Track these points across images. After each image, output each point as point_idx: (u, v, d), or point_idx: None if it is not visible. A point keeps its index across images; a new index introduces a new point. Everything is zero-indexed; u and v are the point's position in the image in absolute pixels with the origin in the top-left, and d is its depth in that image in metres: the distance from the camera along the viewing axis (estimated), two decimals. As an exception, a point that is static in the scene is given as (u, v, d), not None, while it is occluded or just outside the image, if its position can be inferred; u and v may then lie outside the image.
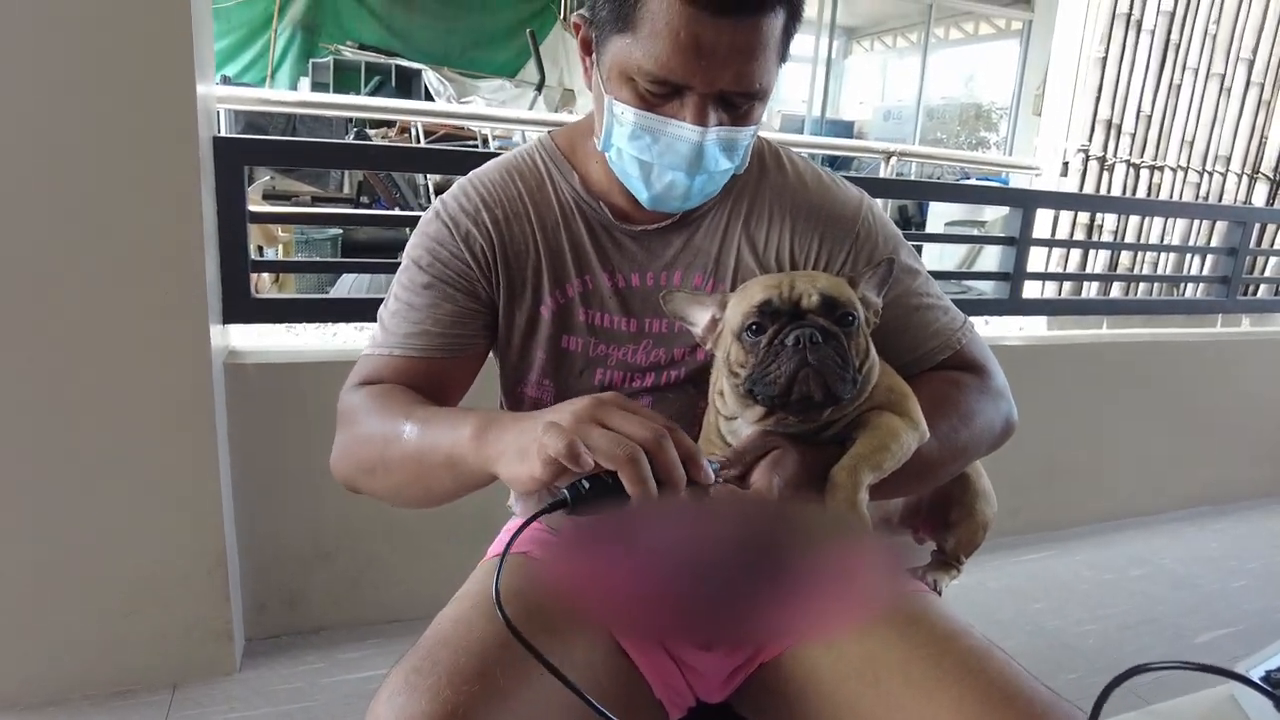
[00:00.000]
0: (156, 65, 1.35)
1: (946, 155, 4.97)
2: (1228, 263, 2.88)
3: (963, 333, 0.93)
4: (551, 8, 9.24)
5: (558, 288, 0.89)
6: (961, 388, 0.89)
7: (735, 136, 0.79)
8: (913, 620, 0.82)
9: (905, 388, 0.80)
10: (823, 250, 0.91)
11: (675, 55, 0.72)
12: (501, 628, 0.74)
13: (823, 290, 0.74)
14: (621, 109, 0.78)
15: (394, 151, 2.82)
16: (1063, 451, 2.56)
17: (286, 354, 1.70)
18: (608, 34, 0.76)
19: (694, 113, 0.75)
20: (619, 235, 0.89)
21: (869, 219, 0.92)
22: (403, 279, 0.89)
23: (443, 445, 0.73)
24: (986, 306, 2.49)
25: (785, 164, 0.93)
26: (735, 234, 0.90)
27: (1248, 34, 2.94)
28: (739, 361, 0.74)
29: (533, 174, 0.90)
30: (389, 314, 0.89)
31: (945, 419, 0.83)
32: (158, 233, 1.41)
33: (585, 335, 0.90)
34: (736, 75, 0.73)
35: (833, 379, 0.70)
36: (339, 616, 1.80)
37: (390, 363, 0.87)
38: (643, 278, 0.90)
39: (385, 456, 0.79)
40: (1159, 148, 2.96)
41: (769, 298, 0.74)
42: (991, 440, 0.90)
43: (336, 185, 5.45)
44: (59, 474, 1.44)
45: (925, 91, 9.55)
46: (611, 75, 0.77)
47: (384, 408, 0.81)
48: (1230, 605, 2.19)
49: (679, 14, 0.70)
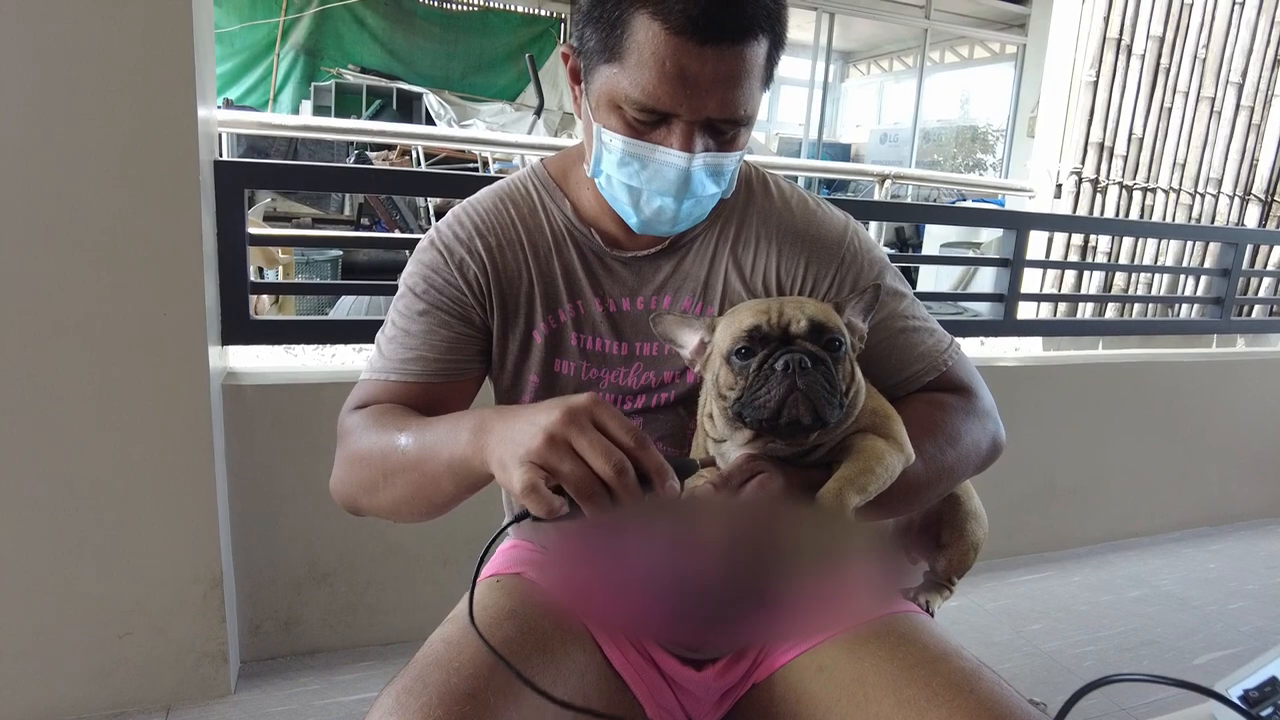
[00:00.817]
0: (159, 90, 1.37)
1: (941, 178, 5.00)
2: (1221, 283, 2.90)
3: (949, 354, 0.93)
4: (551, 33, 9.35)
5: (550, 313, 0.90)
6: (947, 409, 0.90)
7: (722, 162, 0.80)
8: (904, 641, 0.82)
9: (890, 410, 0.81)
10: (809, 274, 0.92)
11: (661, 84, 0.73)
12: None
13: (811, 316, 0.75)
14: (610, 136, 0.79)
15: (394, 175, 2.85)
16: (1059, 472, 2.57)
17: (285, 375, 1.70)
18: (595, 63, 0.78)
19: (680, 140, 0.77)
20: (610, 261, 0.91)
21: (854, 243, 0.93)
22: (399, 305, 0.90)
23: (442, 452, 0.74)
24: (982, 327, 2.51)
25: (772, 189, 0.95)
26: (723, 258, 0.91)
27: (1236, 57, 2.98)
28: (728, 384, 0.75)
29: (525, 201, 0.92)
30: (386, 340, 0.90)
31: (931, 440, 0.84)
32: (158, 254, 1.42)
33: (577, 359, 0.91)
34: (721, 103, 0.75)
35: (821, 403, 0.71)
36: (335, 639, 1.79)
37: (387, 388, 0.88)
38: (633, 302, 0.91)
39: (386, 471, 0.80)
40: (1151, 170, 2.99)
41: (758, 323, 0.75)
42: (979, 461, 0.91)
43: (337, 207, 5.50)
44: (54, 494, 1.45)
45: (921, 114, 9.64)
46: (600, 103, 0.79)
47: (380, 425, 0.83)
48: (1229, 627, 2.18)
49: (664, 44, 0.72)
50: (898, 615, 0.87)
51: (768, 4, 0.74)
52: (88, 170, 1.36)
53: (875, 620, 0.86)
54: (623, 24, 0.73)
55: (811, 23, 9.19)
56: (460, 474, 0.74)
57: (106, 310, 1.41)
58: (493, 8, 9.26)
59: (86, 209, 1.37)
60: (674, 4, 0.71)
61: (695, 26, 0.71)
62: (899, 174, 2.80)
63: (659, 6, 0.71)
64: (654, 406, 0.92)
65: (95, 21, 1.32)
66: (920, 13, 9.38)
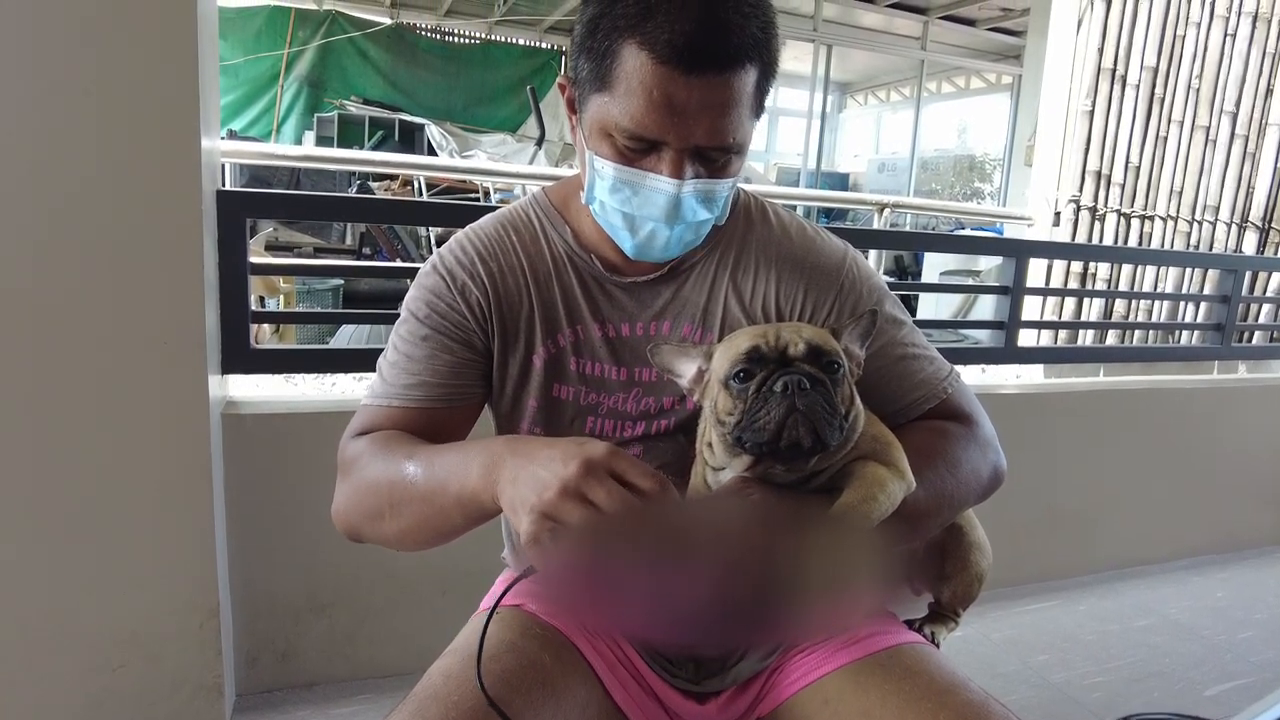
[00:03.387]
0: (163, 120, 1.38)
1: (940, 206, 5.03)
2: (1221, 310, 2.90)
3: (948, 382, 0.93)
4: (552, 65, 9.48)
5: (549, 338, 0.90)
6: (948, 437, 0.89)
7: (713, 189, 0.81)
8: (910, 673, 0.81)
9: (891, 437, 0.81)
10: (807, 301, 0.92)
11: (649, 113, 0.74)
12: (490, 682, 0.74)
13: (808, 339, 0.75)
14: (602, 164, 0.80)
15: (396, 205, 2.87)
16: (1063, 499, 2.55)
17: (284, 404, 1.70)
18: (587, 93, 0.79)
19: (670, 167, 0.78)
20: (609, 287, 0.91)
21: (853, 270, 0.93)
22: (401, 330, 0.90)
23: (452, 485, 0.74)
24: (983, 355, 2.50)
25: (771, 217, 0.95)
26: (723, 285, 0.92)
27: (1230, 87, 3.01)
28: (726, 409, 0.75)
29: (527, 228, 0.93)
30: (388, 365, 0.90)
31: (932, 468, 0.83)
32: (159, 283, 1.42)
33: (577, 384, 0.91)
34: (709, 130, 0.76)
35: (821, 425, 0.71)
36: (332, 671, 1.77)
37: (389, 413, 0.88)
38: (632, 328, 0.91)
39: (393, 501, 0.79)
40: (1148, 198, 3.01)
41: (756, 345, 0.75)
42: (980, 489, 0.90)
43: (339, 237, 5.52)
44: (50, 521, 1.43)
45: (919, 144, 9.73)
46: (592, 131, 0.80)
47: (386, 453, 0.82)
48: (1238, 657, 2.16)
49: (651, 73, 0.73)
50: (903, 646, 0.86)
51: (755, 33, 0.75)
52: (91, 199, 1.36)
53: (880, 652, 0.84)
54: (612, 54, 0.75)
55: (809, 54, 9.32)
56: (470, 508, 0.73)
57: (107, 338, 1.41)
58: (494, 40, 9.39)
59: (89, 237, 1.37)
60: (660, 34, 0.72)
61: (681, 56, 0.72)
62: (897, 203, 2.82)
63: (646, 37, 0.72)
64: (654, 433, 0.91)
65: (101, 54, 1.33)
66: (917, 44, 9.52)
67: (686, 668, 0.90)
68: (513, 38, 9.50)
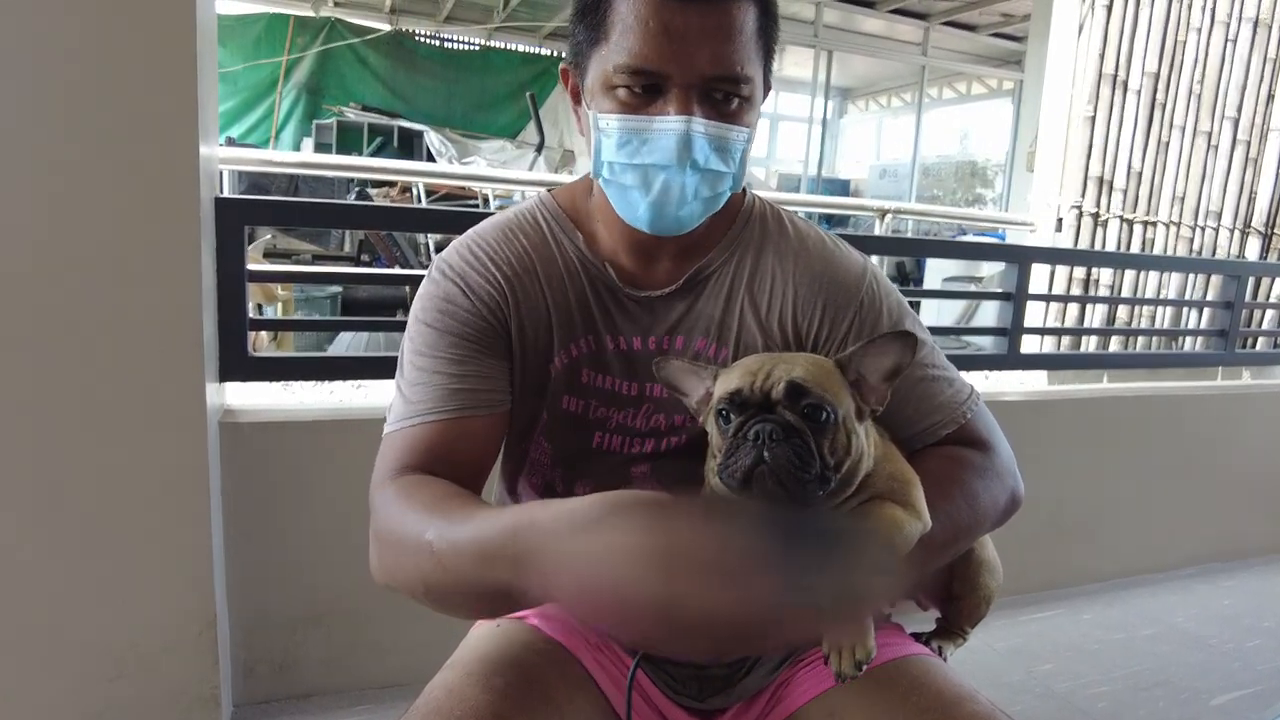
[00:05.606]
0: (161, 127, 1.37)
1: (941, 212, 5.02)
2: (1224, 316, 2.89)
3: (968, 406, 0.89)
4: (551, 71, 9.50)
5: (564, 347, 0.87)
6: (966, 467, 0.86)
7: (726, 134, 0.78)
8: (916, 685, 0.80)
9: (909, 474, 0.78)
10: (825, 318, 0.88)
11: (647, 43, 0.73)
12: (493, 698, 0.72)
13: (793, 379, 0.71)
14: (606, 120, 0.78)
15: (394, 211, 2.86)
16: (1067, 507, 2.53)
17: (282, 413, 1.68)
18: (587, 56, 0.78)
19: (677, 104, 0.75)
20: (623, 298, 0.88)
21: (873, 286, 0.90)
22: (417, 345, 0.84)
23: (487, 581, 0.63)
24: (986, 361, 2.49)
25: (787, 226, 0.92)
26: (739, 297, 0.88)
27: (1231, 93, 3.01)
28: (716, 445, 0.73)
29: (536, 232, 0.89)
30: (407, 384, 0.83)
31: (949, 500, 0.81)
32: (156, 291, 1.41)
33: (586, 397, 0.88)
34: (712, 58, 0.74)
35: (788, 479, 0.67)
36: (331, 682, 1.75)
37: (419, 434, 0.79)
38: (644, 341, 0.88)
39: (428, 586, 0.71)
40: (1151, 203, 3.00)
41: (742, 386, 0.72)
42: (995, 519, 0.88)
43: (338, 244, 5.52)
44: (45, 532, 1.42)
45: (920, 149, 9.74)
46: (595, 93, 0.78)
47: (413, 530, 0.71)
48: (1246, 666, 2.14)
49: (644, 5, 0.73)
50: (909, 658, 0.85)
51: None
52: (89, 206, 1.35)
53: (887, 663, 0.83)
54: (606, 3, 0.75)
55: (810, 60, 9.34)
56: (519, 604, 0.64)
57: (104, 345, 1.39)
58: (493, 47, 9.41)
59: (86, 244, 1.36)
60: None
61: None
62: (899, 208, 2.81)
63: None
64: (663, 451, 0.89)
65: (100, 61, 1.32)
66: (918, 50, 9.53)
67: (691, 685, 0.88)
68: (512, 44, 9.51)
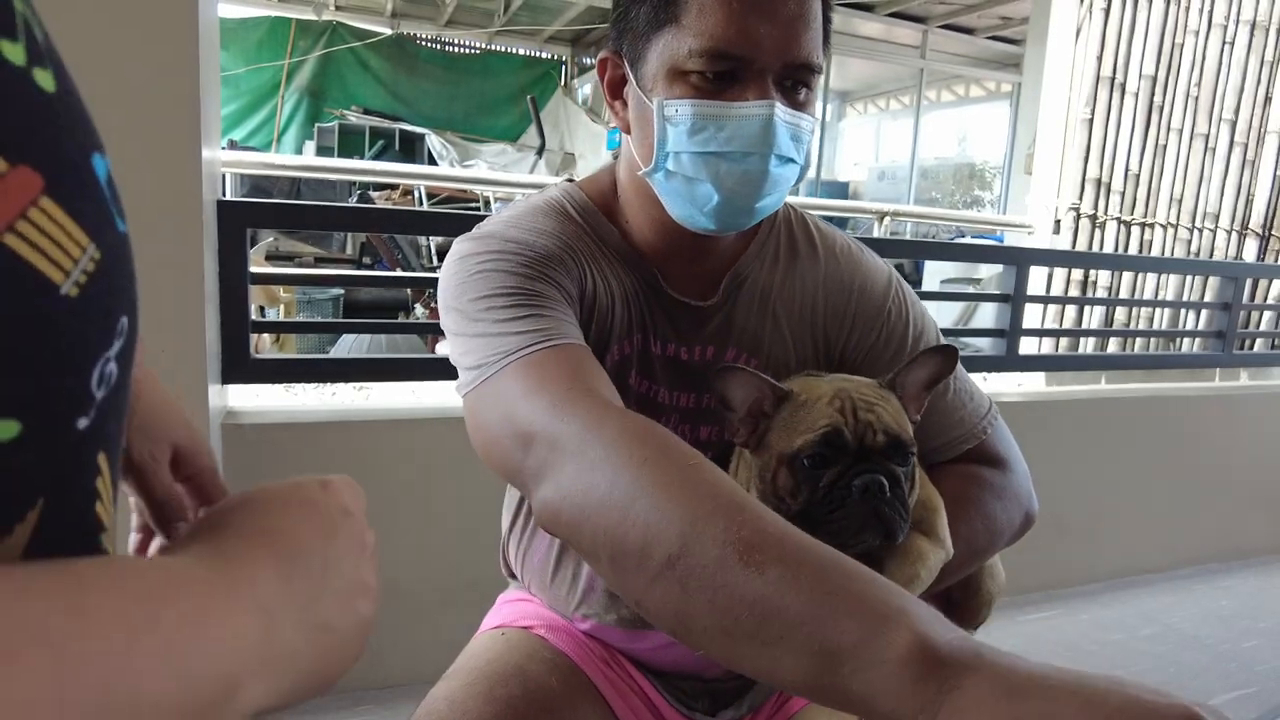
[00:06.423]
0: (164, 131, 1.38)
1: (940, 214, 5.04)
2: (1222, 317, 2.90)
3: (987, 422, 0.87)
4: (552, 75, 9.52)
5: (619, 340, 0.80)
6: (983, 487, 0.85)
7: (799, 123, 0.73)
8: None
9: (936, 500, 0.77)
10: (855, 329, 0.86)
11: (731, 24, 0.68)
12: (495, 709, 0.73)
13: (887, 428, 0.69)
14: (675, 106, 0.71)
15: (396, 214, 2.88)
16: (1065, 508, 2.54)
17: (285, 414, 1.69)
18: (649, 38, 0.72)
19: (758, 89, 0.70)
20: (669, 303, 0.82)
21: (899, 295, 0.88)
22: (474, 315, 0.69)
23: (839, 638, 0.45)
24: (985, 363, 2.50)
25: (813, 231, 0.89)
26: (770, 305, 0.84)
27: (1228, 96, 3.02)
28: (787, 489, 0.68)
29: (571, 220, 0.81)
30: (478, 345, 0.68)
31: (967, 523, 0.80)
32: (159, 293, 1.42)
33: (630, 400, 0.80)
34: (796, 43, 0.70)
35: (895, 527, 0.67)
36: (332, 683, 1.75)
37: (551, 355, 0.65)
38: (677, 348, 0.83)
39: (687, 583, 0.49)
40: (1148, 205, 3.01)
41: (837, 428, 0.67)
42: (1009, 540, 0.87)
43: (340, 246, 5.53)
44: (51, 537, 1.43)
45: (918, 152, 9.74)
46: (659, 80, 0.72)
47: (710, 491, 0.52)
48: (1244, 666, 2.14)
49: None
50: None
51: None
52: (91, 210, 1.36)
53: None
54: None
55: (808, 63, 9.32)
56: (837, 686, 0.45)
57: (107, 349, 1.40)
58: (494, 50, 9.43)
59: (89, 249, 1.37)
60: None
61: None
62: (897, 211, 2.82)
63: None
64: None
65: (102, 64, 1.33)
66: (916, 53, 9.54)
67: (704, 700, 0.87)
68: (513, 48, 9.53)
